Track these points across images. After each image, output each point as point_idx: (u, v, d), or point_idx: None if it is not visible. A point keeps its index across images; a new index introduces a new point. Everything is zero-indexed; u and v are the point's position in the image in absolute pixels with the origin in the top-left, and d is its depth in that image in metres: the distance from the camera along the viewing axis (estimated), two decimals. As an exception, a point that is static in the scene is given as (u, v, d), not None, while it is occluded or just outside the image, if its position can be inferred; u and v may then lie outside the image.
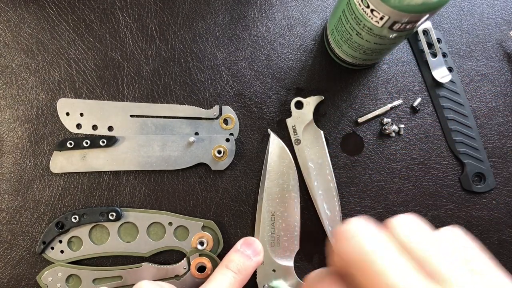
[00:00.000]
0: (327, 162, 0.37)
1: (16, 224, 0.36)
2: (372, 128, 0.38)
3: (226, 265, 0.31)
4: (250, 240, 0.33)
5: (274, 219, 0.35)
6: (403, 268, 0.16)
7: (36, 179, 0.37)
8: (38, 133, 0.37)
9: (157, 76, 0.38)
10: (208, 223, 0.36)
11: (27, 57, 0.37)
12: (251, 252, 0.32)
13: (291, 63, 0.38)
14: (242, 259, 0.31)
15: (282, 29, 0.39)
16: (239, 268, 0.31)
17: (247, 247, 0.33)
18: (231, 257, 0.32)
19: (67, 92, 0.37)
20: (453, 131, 0.37)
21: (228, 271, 0.30)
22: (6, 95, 0.37)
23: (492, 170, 0.38)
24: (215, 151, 0.36)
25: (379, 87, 0.38)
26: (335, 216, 0.36)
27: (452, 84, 0.38)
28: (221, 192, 0.37)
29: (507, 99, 0.38)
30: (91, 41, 0.38)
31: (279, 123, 0.38)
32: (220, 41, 0.38)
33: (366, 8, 0.27)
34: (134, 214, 0.36)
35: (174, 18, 0.38)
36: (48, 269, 0.35)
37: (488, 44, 0.39)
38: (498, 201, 0.38)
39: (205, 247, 0.35)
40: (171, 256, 0.36)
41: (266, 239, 0.35)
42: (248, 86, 0.38)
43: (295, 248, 0.35)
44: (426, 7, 0.24)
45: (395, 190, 0.37)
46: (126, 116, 0.37)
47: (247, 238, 0.34)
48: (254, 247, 0.33)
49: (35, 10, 0.38)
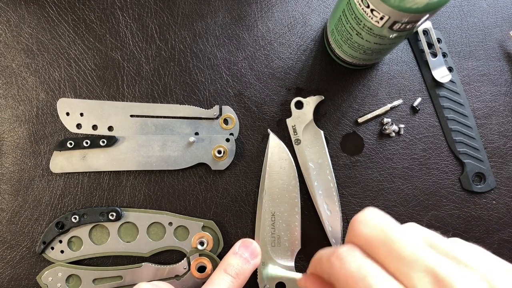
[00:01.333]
0: (327, 162, 0.37)
1: (16, 224, 0.36)
2: (372, 128, 0.38)
3: (224, 269, 0.31)
4: (248, 242, 0.33)
5: (275, 219, 0.35)
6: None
7: (36, 179, 0.37)
8: (38, 133, 0.37)
9: (157, 76, 0.38)
10: (208, 223, 0.36)
11: (27, 57, 0.37)
12: (249, 254, 0.32)
13: (291, 63, 0.38)
14: (240, 263, 0.31)
15: (282, 29, 0.39)
16: (237, 272, 0.31)
17: (245, 249, 0.33)
18: (229, 260, 0.32)
19: (67, 92, 0.37)
20: (453, 131, 0.37)
21: (227, 276, 0.30)
22: (6, 95, 0.37)
23: (492, 170, 0.38)
24: (215, 151, 0.36)
25: (379, 87, 0.38)
26: (335, 216, 0.36)
27: (452, 84, 0.38)
28: (221, 192, 0.37)
29: (507, 99, 0.38)
30: (91, 41, 0.38)
31: (279, 123, 0.38)
32: (220, 41, 0.38)
33: (366, 8, 0.27)
34: (134, 214, 0.36)
35: (174, 18, 0.38)
36: (48, 269, 0.35)
37: (488, 44, 0.39)
38: (498, 201, 0.38)
39: (205, 247, 0.35)
40: (171, 256, 0.36)
41: (267, 239, 0.35)
42: (248, 86, 0.38)
43: (296, 248, 0.35)
44: (426, 7, 0.24)
45: (395, 190, 0.37)
46: (126, 116, 0.37)
47: (245, 240, 0.33)
48: (251, 249, 0.33)
49: (35, 10, 0.38)
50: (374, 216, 0.20)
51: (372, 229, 0.19)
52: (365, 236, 0.19)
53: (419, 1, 0.24)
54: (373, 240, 0.19)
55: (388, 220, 0.20)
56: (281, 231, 0.35)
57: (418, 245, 0.18)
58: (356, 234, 0.20)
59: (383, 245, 0.19)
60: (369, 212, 0.21)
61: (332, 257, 0.20)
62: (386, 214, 0.20)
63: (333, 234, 0.36)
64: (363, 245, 0.20)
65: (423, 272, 0.17)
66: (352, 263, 0.19)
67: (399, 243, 0.18)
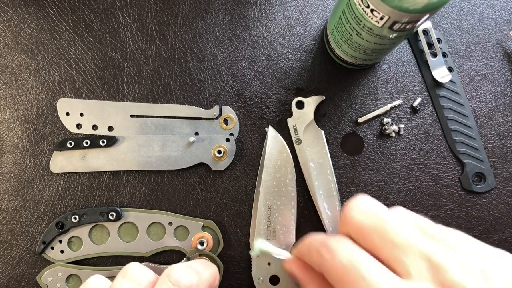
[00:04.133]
0: (328, 162, 0.37)
1: (16, 224, 0.36)
2: (372, 128, 0.38)
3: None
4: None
5: (271, 212, 0.35)
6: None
7: (36, 179, 0.37)
8: (38, 133, 0.37)
9: (157, 76, 0.38)
10: (208, 223, 0.36)
11: (27, 57, 0.37)
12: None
13: (291, 63, 0.38)
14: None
15: (282, 29, 0.39)
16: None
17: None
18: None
19: (67, 92, 0.37)
20: (453, 131, 0.37)
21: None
22: (6, 95, 0.37)
23: (492, 170, 0.38)
24: (215, 151, 0.36)
25: (379, 87, 0.38)
26: (335, 216, 0.36)
27: (452, 84, 0.38)
28: (221, 192, 0.37)
29: (507, 99, 0.38)
30: (91, 41, 0.38)
31: (279, 123, 0.38)
32: (220, 41, 0.38)
33: (366, 8, 0.27)
34: (134, 214, 0.36)
35: (174, 18, 0.38)
36: (48, 269, 0.35)
37: (488, 44, 0.39)
38: (498, 201, 0.38)
39: (205, 247, 0.35)
40: (171, 256, 0.36)
41: (262, 232, 0.35)
42: (248, 86, 0.38)
43: (291, 242, 0.36)
44: (426, 7, 0.24)
45: (395, 190, 0.37)
46: (126, 116, 0.37)
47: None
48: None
49: (35, 10, 0.38)
50: (365, 203, 0.20)
51: (364, 215, 0.19)
52: (357, 222, 0.19)
53: (419, 1, 0.24)
54: (365, 227, 0.19)
55: (380, 207, 0.20)
56: (276, 225, 0.35)
57: (412, 232, 0.18)
58: (348, 221, 0.20)
59: (376, 232, 0.18)
60: (361, 199, 0.20)
61: (322, 249, 0.20)
62: (377, 201, 0.20)
63: (333, 234, 0.36)
64: (355, 232, 0.19)
65: (418, 258, 0.17)
66: (343, 255, 0.18)
67: (393, 230, 0.18)
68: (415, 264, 0.17)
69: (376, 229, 0.18)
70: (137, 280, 0.24)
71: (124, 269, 0.25)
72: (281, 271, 0.35)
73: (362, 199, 0.21)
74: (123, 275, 0.24)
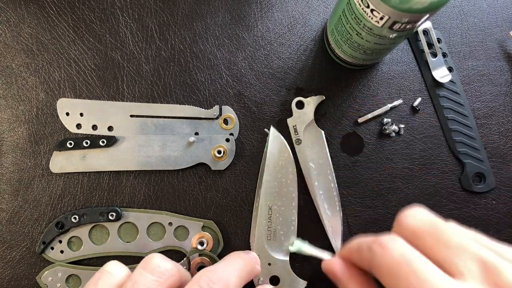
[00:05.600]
0: (328, 162, 0.37)
1: (16, 224, 0.36)
2: (372, 128, 0.38)
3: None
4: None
5: (271, 212, 0.35)
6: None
7: (36, 179, 0.37)
8: (38, 133, 0.37)
9: (157, 76, 0.38)
10: (208, 223, 0.36)
11: (27, 57, 0.37)
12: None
13: (291, 63, 0.38)
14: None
15: (282, 29, 0.39)
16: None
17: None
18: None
19: (67, 92, 0.37)
20: (453, 131, 0.37)
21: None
22: (6, 95, 0.37)
23: (492, 170, 0.38)
24: (215, 151, 0.36)
25: (379, 87, 0.38)
26: (335, 216, 0.36)
27: (452, 84, 0.38)
28: (221, 192, 0.37)
29: (507, 99, 0.38)
30: (91, 41, 0.38)
31: (279, 123, 0.38)
32: (220, 41, 0.38)
33: (366, 8, 0.27)
34: (134, 214, 0.36)
35: (174, 18, 0.38)
36: (48, 269, 0.35)
37: (488, 44, 0.39)
38: (498, 201, 0.37)
39: (205, 247, 0.35)
40: (171, 256, 0.36)
41: (263, 233, 0.35)
42: (248, 86, 0.38)
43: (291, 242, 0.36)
44: (426, 7, 0.24)
45: (395, 190, 0.37)
46: (126, 116, 0.37)
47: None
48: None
49: (35, 10, 0.38)
50: (421, 211, 0.21)
51: (420, 221, 0.20)
52: (413, 227, 0.20)
53: (419, 1, 0.24)
54: (420, 231, 0.19)
55: (435, 216, 0.20)
56: (277, 225, 0.35)
57: (465, 236, 0.18)
58: (403, 226, 0.20)
59: (430, 234, 0.19)
60: (416, 208, 0.21)
61: (374, 244, 0.20)
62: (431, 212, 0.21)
63: (333, 234, 0.36)
64: (409, 236, 0.20)
65: (471, 260, 0.17)
66: (396, 249, 0.19)
67: (446, 233, 0.18)
68: (468, 265, 0.17)
69: (430, 231, 0.19)
70: (159, 273, 0.22)
71: (146, 259, 0.24)
72: (281, 272, 0.35)
73: (417, 208, 0.21)
74: (144, 266, 0.23)
